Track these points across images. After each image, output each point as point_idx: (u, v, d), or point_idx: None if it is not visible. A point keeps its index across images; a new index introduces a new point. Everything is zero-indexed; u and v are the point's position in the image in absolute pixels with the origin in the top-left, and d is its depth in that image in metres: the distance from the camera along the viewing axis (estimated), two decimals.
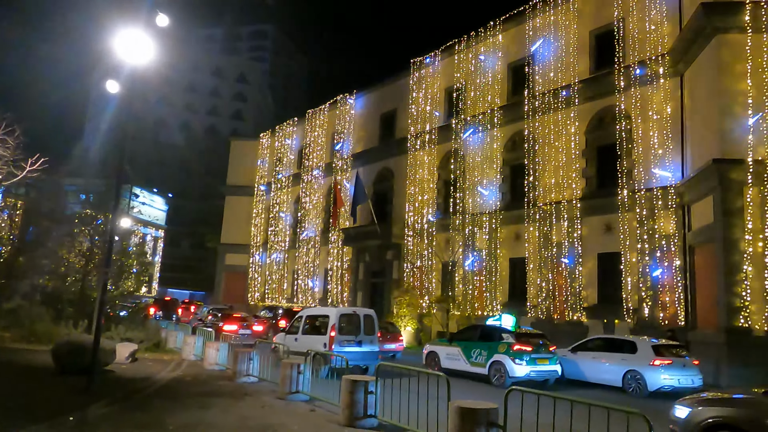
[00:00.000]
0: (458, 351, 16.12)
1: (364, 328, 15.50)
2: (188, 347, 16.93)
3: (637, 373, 14.11)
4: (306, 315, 16.72)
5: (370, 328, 15.66)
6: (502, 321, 18.56)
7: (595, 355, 15.59)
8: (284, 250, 41.85)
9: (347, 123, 37.38)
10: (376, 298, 33.20)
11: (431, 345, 17.80)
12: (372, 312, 16.56)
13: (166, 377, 12.75)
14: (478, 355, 15.47)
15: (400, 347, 21.33)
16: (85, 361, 11.52)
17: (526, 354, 14.47)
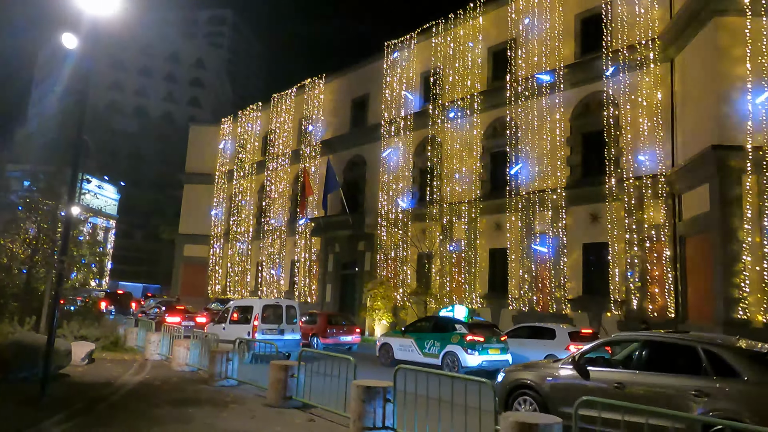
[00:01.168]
0: (411, 342, 16.22)
1: (286, 318, 16.92)
2: (152, 346, 15.29)
3: (554, 356, 14.06)
4: (234, 306, 18.03)
5: (291, 318, 17.14)
6: (455, 312, 19.76)
7: (521, 342, 16.28)
8: (247, 240, 40.00)
9: (316, 108, 35.79)
10: (347, 291, 31.92)
11: (385, 337, 17.72)
12: (295, 303, 18.18)
13: (131, 381, 11.18)
14: (431, 346, 15.66)
15: (357, 339, 21.31)
16: (36, 365, 9.90)
17: (478, 344, 14.78)
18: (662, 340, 7.52)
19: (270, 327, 16.40)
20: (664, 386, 6.81)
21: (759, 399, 6.13)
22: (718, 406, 6.25)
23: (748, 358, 6.65)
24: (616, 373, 7.38)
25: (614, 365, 7.70)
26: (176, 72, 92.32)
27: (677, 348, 7.24)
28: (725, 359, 6.61)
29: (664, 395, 6.67)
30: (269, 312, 16.82)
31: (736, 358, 6.60)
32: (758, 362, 6.57)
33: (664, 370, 7.02)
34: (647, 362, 7.27)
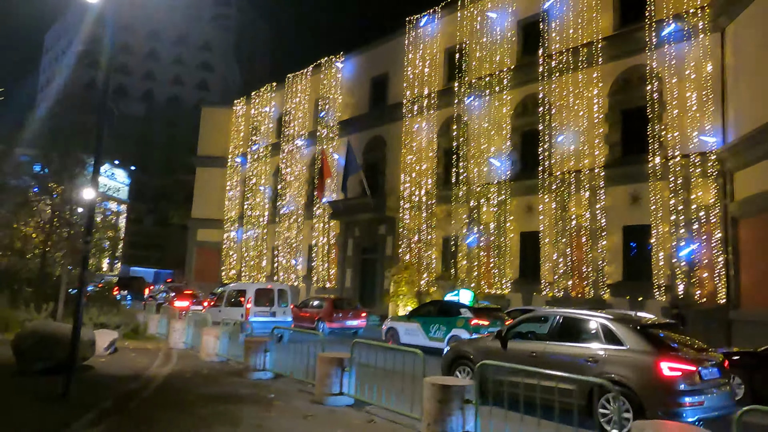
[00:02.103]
0: (417, 326, 16.48)
1: (278, 301, 17.86)
2: (176, 334, 14.41)
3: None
4: (228, 290, 19.29)
5: (283, 301, 18.07)
6: (460, 296, 19.78)
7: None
8: (262, 225, 39.08)
9: (333, 88, 34.59)
10: (367, 276, 30.99)
11: (391, 321, 18.02)
12: (286, 286, 19.26)
13: (160, 374, 10.28)
14: (436, 330, 15.92)
15: (362, 324, 21.37)
16: (58, 356, 9.00)
17: (482, 328, 14.76)
18: (568, 315, 8.67)
19: (262, 309, 17.31)
20: (567, 354, 7.91)
21: (636, 362, 7.24)
22: (605, 369, 7.34)
23: (631, 329, 7.63)
24: (532, 343, 8.61)
25: (534, 338, 8.85)
26: (184, 55, 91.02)
27: (580, 322, 8.34)
28: (614, 331, 7.71)
29: (566, 362, 7.66)
30: (261, 295, 17.77)
31: (622, 329, 7.66)
32: (638, 333, 7.55)
33: (570, 341, 8.11)
34: (558, 334, 8.39)
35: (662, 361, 7.04)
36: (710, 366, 7.32)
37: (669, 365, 6.99)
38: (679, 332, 8.44)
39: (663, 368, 6.98)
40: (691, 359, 7.21)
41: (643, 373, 7.07)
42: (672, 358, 7.12)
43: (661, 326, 8.15)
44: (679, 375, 6.96)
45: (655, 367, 7.03)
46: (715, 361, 7.48)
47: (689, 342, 8.01)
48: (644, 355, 7.23)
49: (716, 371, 7.38)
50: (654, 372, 7.02)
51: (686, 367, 7.03)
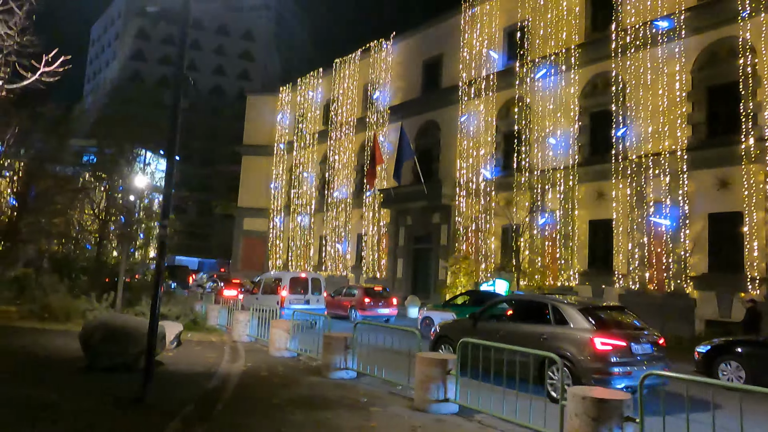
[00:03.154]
0: (452, 316, 16.21)
1: (311, 289, 18.89)
2: (240, 326, 13.66)
3: None
4: (264, 278, 20.70)
5: (316, 289, 19.12)
6: (496, 286, 20.43)
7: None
8: (310, 213, 38.43)
9: (383, 72, 33.51)
10: (420, 266, 29.97)
11: (427, 311, 18.02)
12: (319, 276, 20.60)
13: (234, 372, 9.46)
14: None
15: (394, 312, 21.87)
16: (129, 352, 8.25)
17: None
18: (528, 299, 10.87)
19: (297, 297, 18.15)
20: (526, 332, 9.08)
21: (576, 338, 8.39)
22: (554, 344, 8.41)
23: (576, 310, 8.77)
24: (499, 323, 10.00)
25: (502, 319, 10.23)
26: (226, 45, 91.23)
27: (537, 305, 9.72)
28: (561, 312, 8.89)
29: (526, 338, 8.63)
30: (296, 284, 18.80)
31: (567, 311, 8.83)
32: (581, 313, 8.68)
33: (528, 321, 9.43)
34: (520, 316, 9.95)
35: (596, 336, 8.25)
36: (643, 342, 8.49)
37: (602, 340, 8.20)
38: (627, 315, 9.41)
39: (596, 343, 8.19)
40: (622, 336, 8.40)
41: (580, 347, 8.29)
42: (604, 335, 8.29)
43: (607, 309, 9.46)
44: (610, 349, 8.15)
45: (590, 342, 8.24)
46: (649, 339, 8.65)
47: (630, 323, 9.10)
48: (583, 332, 8.43)
49: (649, 347, 8.54)
50: (589, 346, 8.22)
51: (617, 342, 8.22)
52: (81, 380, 7.98)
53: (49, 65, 7.01)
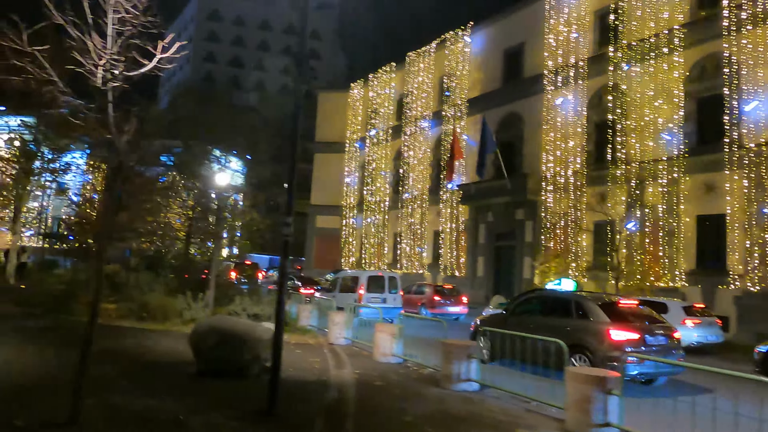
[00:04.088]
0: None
1: (388, 287, 18.74)
2: (336, 328, 13.08)
3: None
4: (341, 276, 20.94)
5: (393, 288, 18.96)
6: (562, 286, 19.51)
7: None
8: (383, 211, 37.88)
9: (460, 64, 32.41)
10: (502, 264, 28.73)
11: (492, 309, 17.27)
12: (396, 274, 20.54)
13: (346, 380, 8.81)
14: None
15: (464, 310, 21.73)
16: (243, 359, 7.73)
17: None
18: (554, 295, 11.93)
19: (374, 296, 18.07)
20: (551, 324, 9.93)
21: (595, 330, 9.43)
22: (575, 335, 9.38)
23: (596, 305, 9.84)
24: (529, 317, 10.83)
25: (532, 313, 11.04)
26: (293, 44, 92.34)
27: (562, 300, 10.78)
28: (583, 306, 9.97)
29: (551, 329, 9.29)
30: (373, 282, 18.68)
31: (588, 305, 9.91)
32: (601, 308, 9.73)
33: (554, 315, 10.47)
34: (548, 310, 10.83)
35: (612, 329, 9.16)
36: (658, 335, 9.39)
37: (616, 332, 9.10)
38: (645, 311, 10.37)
39: (612, 334, 9.10)
40: (636, 328, 9.27)
41: (598, 338, 9.20)
42: (620, 327, 9.18)
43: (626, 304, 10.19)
44: (625, 340, 9.01)
45: (607, 333, 9.13)
46: (663, 332, 9.51)
47: (647, 317, 9.96)
48: (601, 325, 9.33)
49: (663, 339, 9.40)
50: (606, 337, 9.12)
51: (631, 334, 9.11)
52: (197, 388, 7.52)
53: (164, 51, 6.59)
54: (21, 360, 8.37)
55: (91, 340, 5.66)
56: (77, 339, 10.65)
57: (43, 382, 7.24)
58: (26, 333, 10.80)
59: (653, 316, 10.13)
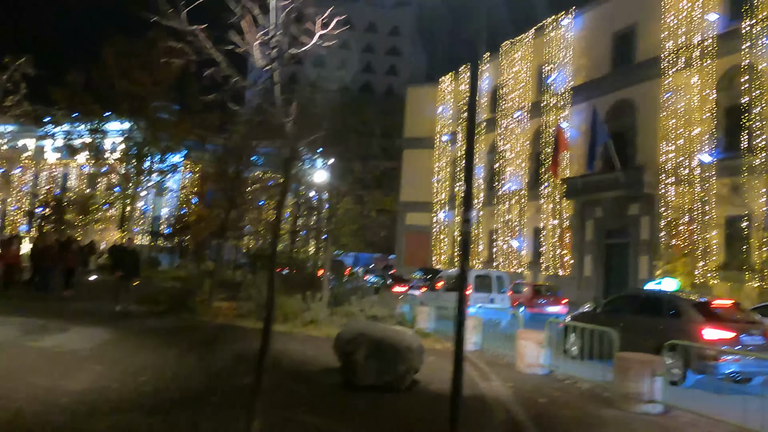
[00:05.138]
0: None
1: (496, 287, 18.22)
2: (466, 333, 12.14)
3: None
4: (446, 275, 20.30)
5: (501, 287, 18.43)
6: (662, 286, 17.86)
7: None
8: (477, 207, 36.59)
9: (561, 51, 30.58)
10: (613, 263, 26.77)
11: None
12: (504, 273, 20.11)
13: (500, 395, 7.90)
14: None
15: (563, 311, 20.76)
16: (396, 370, 7.00)
17: None
18: (646, 295, 12.40)
19: (481, 295, 17.45)
20: (644, 323, 10.36)
21: (689, 329, 9.50)
22: (669, 334, 9.19)
23: (687, 304, 10.24)
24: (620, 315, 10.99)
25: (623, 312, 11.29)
26: (373, 42, 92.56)
27: (654, 299, 11.27)
28: (676, 306, 10.34)
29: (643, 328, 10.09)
30: (480, 282, 18.10)
31: (681, 305, 10.29)
32: (692, 306, 10.07)
33: (646, 314, 10.73)
34: (640, 309, 11.09)
35: (704, 327, 9.43)
36: (754, 335, 9.54)
37: (709, 331, 9.35)
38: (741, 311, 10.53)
39: (704, 333, 9.35)
40: (731, 327, 9.47)
41: (690, 337, 9.30)
42: (713, 326, 9.42)
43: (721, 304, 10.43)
44: (717, 339, 9.26)
45: (699, 332, 9.39)
46: (761, 332, 9.65)
47: (743, 317, 10.17)
48: (694, 324, 9.59)
49: (760, 339, 9.52)
50: (698, 335, 9.36)
51: (724, 333, 9.34)
52: (358, 404, 6.84)
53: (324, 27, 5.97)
54: (170, 366, 7.94)
55: (266, 353, 5.08)
56: (211, 341, 10.44)
57: (201, 392, 6.79)
58: (158, 335, 10.67)
59: (749, 317, 10.45)
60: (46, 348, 8.02)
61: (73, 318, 11.22)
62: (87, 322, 11.02)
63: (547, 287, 23.01)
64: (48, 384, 6.20)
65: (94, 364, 7.39)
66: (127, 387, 6.42)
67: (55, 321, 10.49)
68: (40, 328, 9.61)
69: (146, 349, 8.88)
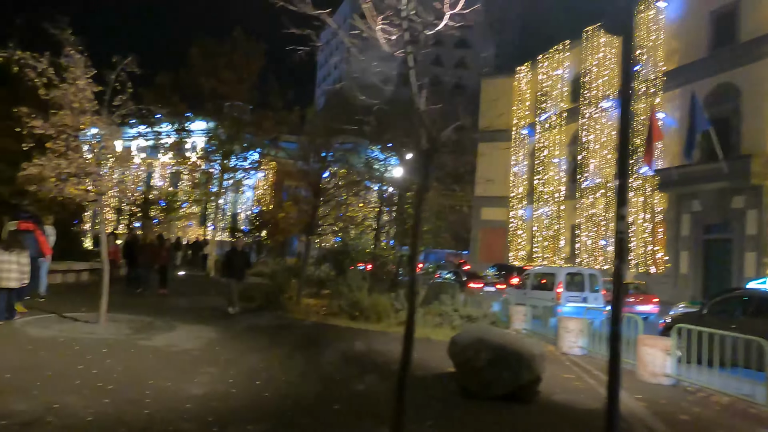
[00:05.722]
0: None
1: (588, 286, 17.00)
2: (569, 335, 11.42)
3: None
4: (533, 273, 19.26)
5: (594, 286, 17.10)
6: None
7: None
8: (558, 201, 35.20)
9: (652, 34, 28.73)
10: (713, 261, 24.89)
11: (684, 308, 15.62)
12: (597, 272, 18.48)
13: (633, 408, 7.13)
14: None
15: (655, 310, 19.79)
16: (522, 379, 6.44)
17: None
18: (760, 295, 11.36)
19: (573, 295, 16.55)
20: (761, 325, 9.17)
21: None
22: None
23: None
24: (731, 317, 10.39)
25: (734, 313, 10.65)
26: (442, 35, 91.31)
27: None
28: None
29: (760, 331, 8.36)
30: (571, 280, 17.16)
31: None
32: None
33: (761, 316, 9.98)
34: (758, 311, 10.27)
35: None
36: None
37: None
38: None
39: None
40: None
41: None
42: None
43: None
44: None
45: None
46: None
47: None
48: None
49: None
50: None
51: None
52: (481, 416, 6.34)
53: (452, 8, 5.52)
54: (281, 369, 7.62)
55: (408, 364, 4.66)
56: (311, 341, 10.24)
57: (321, 399, 6.48)
58: (258, 333, 10.58)
59: None
60: (160, 348, 8.00)
61: (175, 315, 11.33)
62: (189, 319, 11.09)
63: (635, 285, 21.77)
64: (170, 387, 6.08)
65: (208, 365, 7.27)
66: (247, 392, 6.20)
67: (159, 319, 10.60)
68: (148, 326, 9.70)
69: (252, 349, 8.73)
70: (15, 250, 9.11)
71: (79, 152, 8.67)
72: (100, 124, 8.75)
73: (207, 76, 22.36)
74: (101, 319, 9.21)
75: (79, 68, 8.43)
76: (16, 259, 9.08)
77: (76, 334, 8.45)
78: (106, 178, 9.05)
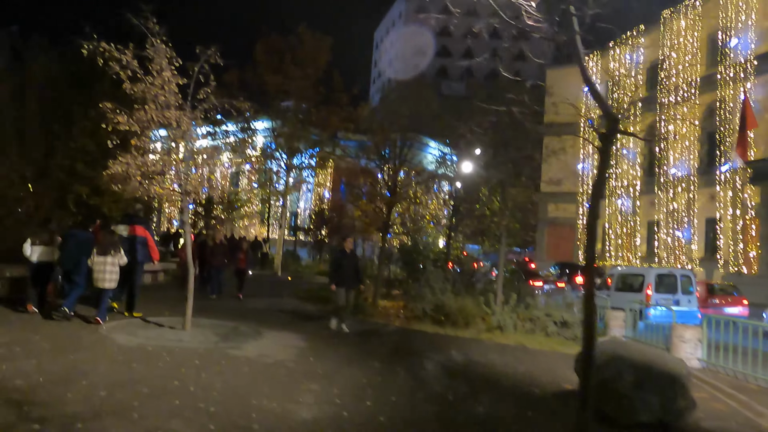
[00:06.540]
0: None
1: (681, 288, 16.16)
2: (686, 346, 10.17)
3: None
4: (618, 273, 18.39)
5: (687, 288, 16.30)
6: None
7: None
8: (633, 196, 33.26)
9: (742, 14, 26.53)
10: None
11: None
12: (690, 273, 17.70)
13: None
14: None
15: (744, 312, 18.63)
16: (676, 405, 5.45)
17: None
18: None
19: (664, 297, 15.77)
20: None
21: None
22: None
23: None
24: None
25: None
26: (500, 28, 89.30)
27: None
28: None
29: None
30: (661, 281, 16.34)
31: None
32: None
33: None
34: None
35: None
36: None
37: None
38: None
39: None
40: None
41: None
42: None
43: None
44: None
45: None
46: None
47: None
48: None
49: None
50: None
51: None
52: None
53: None
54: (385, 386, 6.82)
55: (588, 395, 3.82)
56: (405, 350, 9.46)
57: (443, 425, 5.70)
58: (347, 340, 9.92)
59: None
60: (252, 359, 7.41)
61: (257, 320, 10.84)
62: (273, 324, 10.56)
63: (722, 286, 20.54)
64: (276, 409, 5.44)
65: (308, 381, 6.61)
66: (359, 416, 5.49)
67: (242, 323, 10.10)
68: (234, 333, 9.19)
69: (347, 361, 8.02)
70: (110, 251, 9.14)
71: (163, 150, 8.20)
72: (185, 119, 8.26)
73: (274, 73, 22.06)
74: (187, 325, 8.77)
75: (164, 59, 7.97)
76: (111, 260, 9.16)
77: (163, 341, 8.00)
78: (192, 177, 8.58)
